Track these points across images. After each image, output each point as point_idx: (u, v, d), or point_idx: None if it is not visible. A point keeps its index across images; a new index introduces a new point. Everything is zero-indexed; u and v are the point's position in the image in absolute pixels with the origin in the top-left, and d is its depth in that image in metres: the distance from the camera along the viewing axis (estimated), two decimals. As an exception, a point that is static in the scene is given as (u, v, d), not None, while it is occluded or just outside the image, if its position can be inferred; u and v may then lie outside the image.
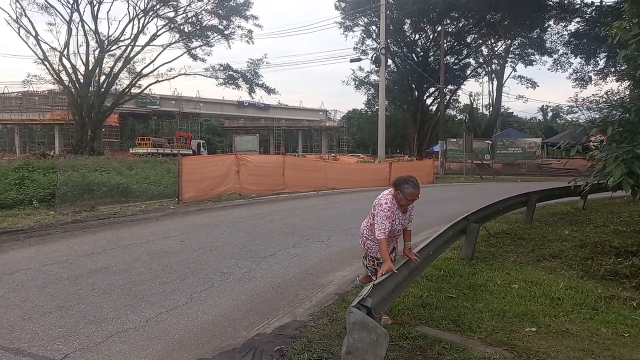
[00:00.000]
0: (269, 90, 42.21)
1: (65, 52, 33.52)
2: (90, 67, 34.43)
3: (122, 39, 35.97)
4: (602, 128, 5.91)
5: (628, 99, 9.88)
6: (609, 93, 32.49)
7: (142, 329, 4.03)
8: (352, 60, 32.59)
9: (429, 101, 45.29)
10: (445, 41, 36.62)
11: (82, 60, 34.66)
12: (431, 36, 40.89)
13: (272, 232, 8.60)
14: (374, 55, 29.94)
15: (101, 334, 3.90)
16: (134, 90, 38.79)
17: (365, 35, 42.17)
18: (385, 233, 3.92)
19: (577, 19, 35.12)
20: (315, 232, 8.61)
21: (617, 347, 3.76)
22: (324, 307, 4.62)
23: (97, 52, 34.96)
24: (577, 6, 34.14)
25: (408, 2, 34.90)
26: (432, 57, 41.95)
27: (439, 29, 36.63)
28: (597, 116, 8.75)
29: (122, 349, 3.64)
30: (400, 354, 3.56)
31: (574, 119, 46.45)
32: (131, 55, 36.34)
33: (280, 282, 5.50)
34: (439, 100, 38.49)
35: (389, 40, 34.70)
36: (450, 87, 43.77)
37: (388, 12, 32.41)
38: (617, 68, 30.34)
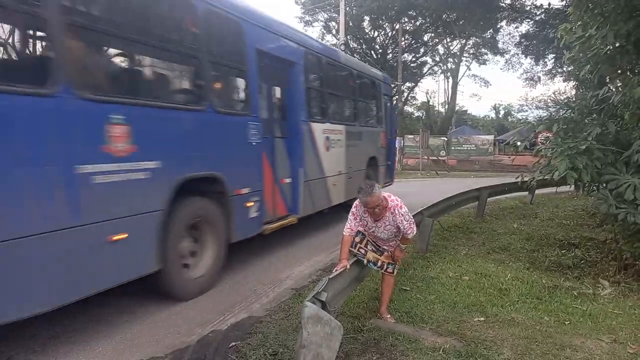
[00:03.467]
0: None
1: None
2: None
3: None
4: (548, 126, 6.12)
5: (574, 98, 10.38)
6: (556, 93, 34.18)
7: (90, 328, 3.90)
8: (312, 56, 32.37)
9: (387, 98, 45.99)
10: (403, 39, 37.22)
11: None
12: (390, 34, 41.39)
13: (229, 227, 8.48)
14: (334, 51, 29.94)
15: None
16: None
17: (325, 31, 42.18)
18: (351, 229, 3.99)
19: (528, 21, 36.54)
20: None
21: (559, 334, 3.96)
22: (281, 302, 4.62)
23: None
24: (528, 8, 35.52)
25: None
26: (390, 55, 42.52)
27: (397, 26, 37.18)
28: (545, 114, 9.12)
29: (67, 350, 3.51)
30: (355, 346, 3.61)
31: (524, 117, 48.54)
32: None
33: (237, 277, 5.45)
34: (397, 97, 39.09)
35: (348, 37, 34.87)
36: (408, 84, 44.51)
37: (347, 9, 32.52)
38: (564, 69, 31.78)
